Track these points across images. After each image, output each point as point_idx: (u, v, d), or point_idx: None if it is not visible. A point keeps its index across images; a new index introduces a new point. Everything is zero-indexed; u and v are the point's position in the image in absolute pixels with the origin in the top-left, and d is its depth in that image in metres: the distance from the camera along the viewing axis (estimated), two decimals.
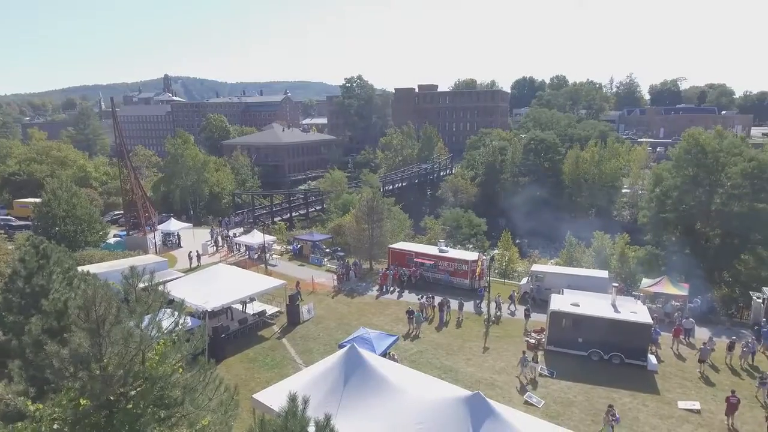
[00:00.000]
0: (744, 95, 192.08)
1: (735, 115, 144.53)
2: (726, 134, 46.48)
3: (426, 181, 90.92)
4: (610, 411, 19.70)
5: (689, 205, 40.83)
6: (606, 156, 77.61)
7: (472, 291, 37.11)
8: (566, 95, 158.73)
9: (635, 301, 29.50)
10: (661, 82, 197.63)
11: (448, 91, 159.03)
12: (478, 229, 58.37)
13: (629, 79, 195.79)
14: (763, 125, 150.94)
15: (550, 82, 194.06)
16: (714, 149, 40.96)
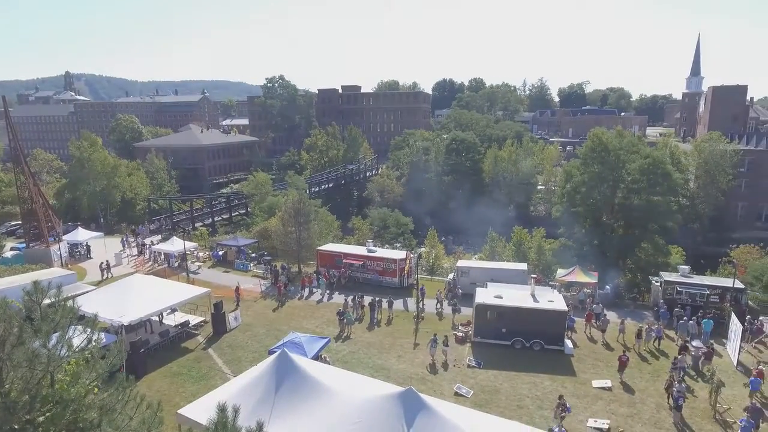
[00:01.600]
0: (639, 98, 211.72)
1: (632, 116, 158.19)
2: (625, 134, 50.73)
3: (352, 181, 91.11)
4: (560, 402, 20.58)
5: (596, 200, 44.12)
6: (522, 155, 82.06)
7: (402, 289, 37.75)
8: (484, 97, 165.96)
9: (552, 291, 31.42)
10: (569, 86, 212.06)
11: (372, 92, 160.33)
12: (405, 228, 59.41)
13: (540, 82, 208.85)
14: (656, 125, 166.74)
15: (469, 85, 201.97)
16: (615, 148, 44.56)
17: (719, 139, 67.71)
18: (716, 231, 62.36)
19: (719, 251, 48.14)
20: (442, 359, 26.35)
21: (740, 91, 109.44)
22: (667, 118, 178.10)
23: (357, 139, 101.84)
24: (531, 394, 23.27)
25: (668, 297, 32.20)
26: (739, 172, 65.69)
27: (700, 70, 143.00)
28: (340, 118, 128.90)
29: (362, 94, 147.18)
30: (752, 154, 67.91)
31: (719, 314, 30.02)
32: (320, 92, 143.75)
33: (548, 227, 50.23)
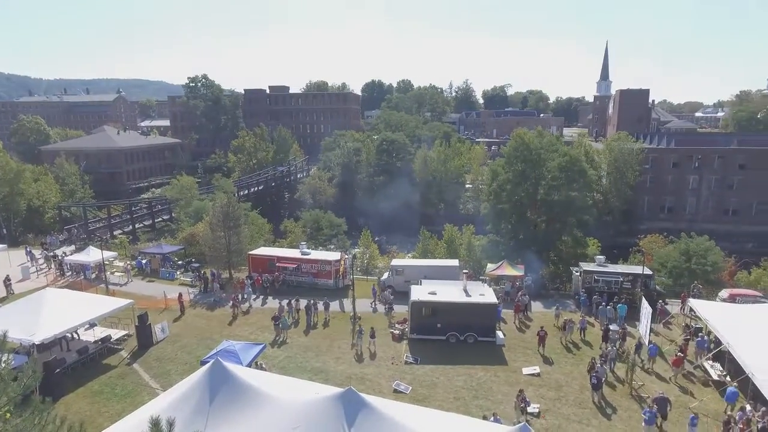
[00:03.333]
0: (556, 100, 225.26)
1: (550, 117, 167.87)
2: (545, 134, 53.73)
3: (283, 183, 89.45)
4: (520, 396, 21.16)
5: (520, 196, 46.32)
6: (450, 155, 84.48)
7: (337, 290, 37.62)
8: (413, 98, 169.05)
9: (483, 285, 32.67)
10: (492, 88, 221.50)
11: (300, 93, 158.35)
12: (338, 229, 59.15)
13: (465, 84, 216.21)
14: (571, 126, 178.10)
15: (397, 86, 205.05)
16: (536, 147, 47.05)
17: (626, 138, 73.48)
18: (626, 223, 67.61)
19: (629, 241, 52.29)
20: (370, 351, 27.07)
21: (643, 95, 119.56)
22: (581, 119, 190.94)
23: (287, 140, 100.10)
24: (467, 385, 24.04)
25: (587, 285, 34.51)
26: (644, 169, 71.55)
27: (609, 75, 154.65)
28: (268, 119, 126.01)
29: (291, 95, 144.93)
30: (655, 152, 74.32)
31: (631, 299, 32.60)
32: (247, 92, 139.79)
33: (477, 224, 52.07)
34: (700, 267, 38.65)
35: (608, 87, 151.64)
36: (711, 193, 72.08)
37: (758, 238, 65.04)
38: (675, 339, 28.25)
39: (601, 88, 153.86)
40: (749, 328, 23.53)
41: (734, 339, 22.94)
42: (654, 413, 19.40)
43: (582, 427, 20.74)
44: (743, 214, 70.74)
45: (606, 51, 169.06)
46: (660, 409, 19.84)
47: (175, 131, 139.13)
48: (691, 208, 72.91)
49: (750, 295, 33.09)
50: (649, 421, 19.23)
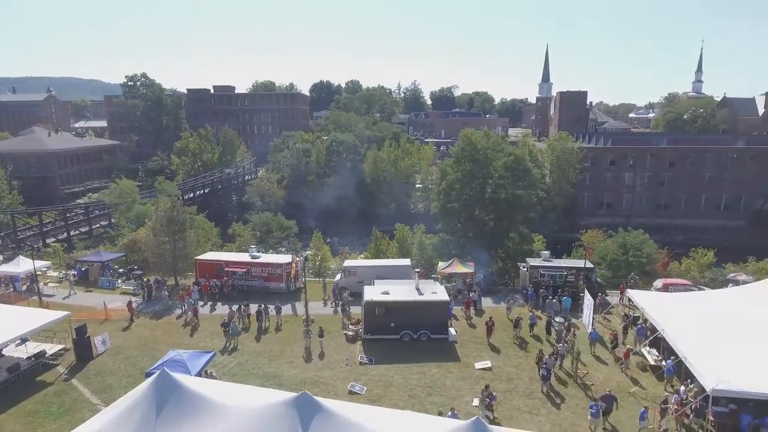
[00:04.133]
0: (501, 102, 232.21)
1: (496, 118, 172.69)
2: (491, 134, 55.16)
3: (231, 186, 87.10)
4: (485, 392, 21.41)
5: (469, 195, 47.35)
6: (400, 155, 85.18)
7: (290, 293, 37.05)
8: (361, 99, 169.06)
9: (434, 283, 33.16)
10: (439, 89, 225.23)
11: (247, 93, 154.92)
12: (289, 231, 58.18)
13: (414, 85, 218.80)
14: (516, 126, 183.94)
15: (346, 86, 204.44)
16: (483, 147, 48.25)
17: (567, 138, 76.79)
18: (569, 219, 70.60)
19: (572, 236, 54.61)
20: (321, 351, 27.35)
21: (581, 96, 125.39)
22: (525, 120, 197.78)
23: (233, 141, 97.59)
24: (421, 383, 24.27)
25: (534, 280, 35.75)
26: (584, 167, 75.04)
27: (550, 77, 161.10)
28: (213, 119, 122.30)
29: (237, 95, 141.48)
30: (593, 151, 78.08)
31: (575, 292, 34.05)
32: (190, 92, 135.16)
33: (428, 223, 52.78)
34: (636, 259, 40.92)
35: (549, 89, 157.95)
36: (644, 190, 76.55)
37: (687, 231, 69.71)
38: (615, 328, 29.71)
39: (543, 90, 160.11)
40: (681, 314, 25.11)
41: (668, 325, 24.42)
42: (599, 407, 19.96)
43: (532, 417, 21.42)
44: (674, 208, 75.62)
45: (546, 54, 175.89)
46: (607, 407, 20.31)
47: (113, 132, 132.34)
48: (627, 204, 77.14)
49: (681, 284, 35.39)
50: (595, 414, 19.85)
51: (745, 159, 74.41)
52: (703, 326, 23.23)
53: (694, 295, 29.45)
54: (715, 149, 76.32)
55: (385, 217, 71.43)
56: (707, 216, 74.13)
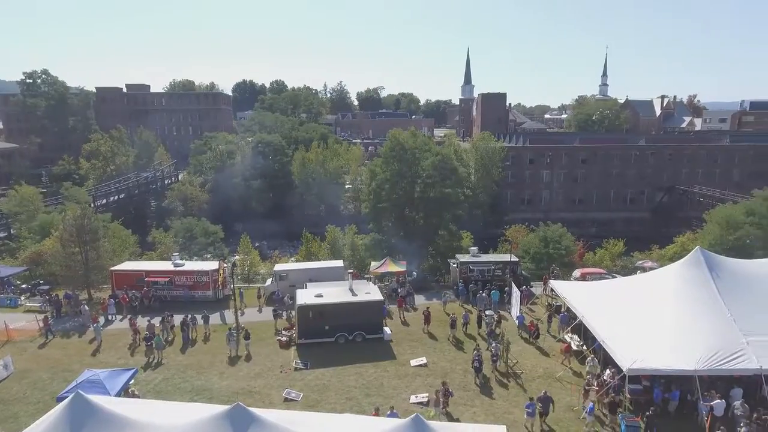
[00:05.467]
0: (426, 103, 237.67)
1: (422, 119, 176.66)
2: (418, 134, 56.21)
3: (148, 191, 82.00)
4: (442, 388, 21.32)
5: (398, 195, 47.93)
6: (329, 156, 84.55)
7: (218, 301, 35.48)
8: (287, 99, 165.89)
9: (368, 283, 33.17)
10: (366, 90, 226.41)
11: (164, 92, 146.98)
12: (215, 236, 55.73)
13: (340, 86, 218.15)
14: (441, 127, 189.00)
15: (270, 87, 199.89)
16: (411, 147, 49.04)
17: (489, 138, 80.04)
18: (494, 215, 73.53)
19: (497, 232, 56.97)
20: (246, 354, 27.04)
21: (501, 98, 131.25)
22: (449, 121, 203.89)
23: (150, 143, 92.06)
24: (358, 384, 24.12)
25: (464, 275, 36.81)
26: (506, 165, 78.58)
27: (471, 79, 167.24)
28: (127, 120, 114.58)
29: (153, 94, 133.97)
30: (514, 150, 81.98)
31: (502, 285, 35.45)
32: (100, 91, 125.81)
33: (359, 223, 52.77)
34: (556, 251, 43.38)
35: (471, 90, 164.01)
36: (561, 186, 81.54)
37: (599, 223, 75.10)
38: (540, 317, 31.26)
39: (465, 92, 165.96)
40: (598, 301, 26.87)
41: (587, 312, 26.05)
42: (535, 406, 20.20)
43: (467, 408, 21.96)
44: (587, 203, 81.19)
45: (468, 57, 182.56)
46: (543, 408, 20.28)
47: (10, 135, 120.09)
48: (546, 200, 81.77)
49: (597, 273, 37.95)
50: (531, 414, 19.98)
51: (646, 156, 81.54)
52: (617, 311, 24.99)
53: (608, 283, 31.63)
54: (621, 147, 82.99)
55: (315, 219, 70.57)
56: (616, 209, 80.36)
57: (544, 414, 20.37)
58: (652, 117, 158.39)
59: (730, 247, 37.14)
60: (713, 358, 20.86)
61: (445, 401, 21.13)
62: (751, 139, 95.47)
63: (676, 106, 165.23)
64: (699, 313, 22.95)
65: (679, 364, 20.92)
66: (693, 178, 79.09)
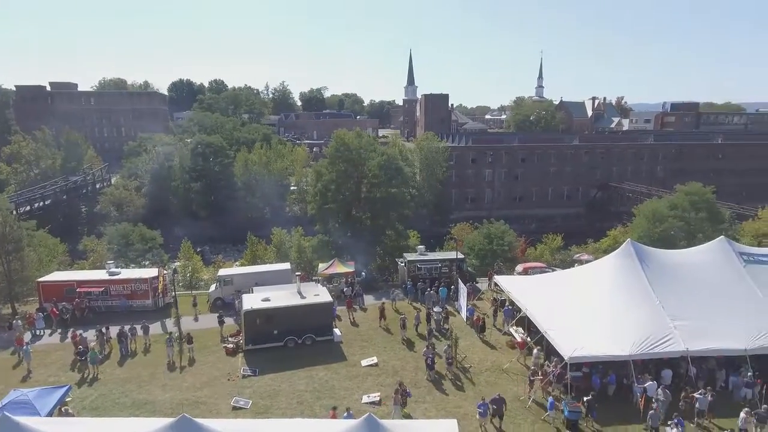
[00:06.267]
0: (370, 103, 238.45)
1: (366, 119, 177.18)
2: (363, 134, 56.07)
3: (78, 196, 77.12)
4: (399, 389, 21.21)
5: (345, 195, 47.66)
6: (272, 157, 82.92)
7: (158, 310, 33.89)
8: (227, 99, 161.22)
9: (316, 285, 32.80)
10: (309, 90, 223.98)
11: (94, 92, 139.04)
12: (153, 242, 53.05)
13: (282, 86, 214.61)
14: (385, 127, 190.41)
15: (209, 86, 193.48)
16: (357, 147, 48.91)
17: (433, 138, 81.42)
18: (439, 214, 74.88)
19: (443, 230, 58.00)
20: (189, 358, 26.47)
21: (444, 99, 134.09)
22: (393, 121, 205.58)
23: (79, 145, 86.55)
24: (309, 387, 23.81)
25: (412, 274, 37.24)
26: (450, 165, 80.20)
27: (414, 80, 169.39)
28: (52, 121, 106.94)
29: (81, 93, 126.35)
30: (457, 150, 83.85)
31: (449, 282, 36.16)
32: (20, 89, 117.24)
33: (305, 225, 52.09)
34: (499, 247, 44.70)
35: (414, 91, 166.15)
36: (502, 184, 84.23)
37: (539, 220, 78.25)
38: (485, 312, 32.13)
39: (408, 93, 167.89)
40: (540, 294, 27.99)
41: (530, 305, 27.07)
42: (487, 406, 19.99)
43: (419, 404, 22.21)
44: (527, 200, 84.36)
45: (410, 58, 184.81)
46: (497, 410, 20.25)
47: None
48: (488, 198, 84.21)
49: (538, 267, 39.46)
50: (483, 414, 19.95)
51: (581, 155, 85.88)
52: (557, 303, 26.14)
53: (549, 276, 32.99)
54: (557, 147, 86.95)
55: (260, 222, 68.87)
56: (554, 205, 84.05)
57: (498, 415, 20.34)
58: (584, 118, 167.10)
59: (656, 239, 39.69)
60: (645, 342, 22.30)
61: (403, 401, 21.26)
62: (672, 138, 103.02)
63: (606, 107, 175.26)
64: (631, 301, 24.45)
65: (615, 350, 22.21)
66: (623, 175, 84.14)
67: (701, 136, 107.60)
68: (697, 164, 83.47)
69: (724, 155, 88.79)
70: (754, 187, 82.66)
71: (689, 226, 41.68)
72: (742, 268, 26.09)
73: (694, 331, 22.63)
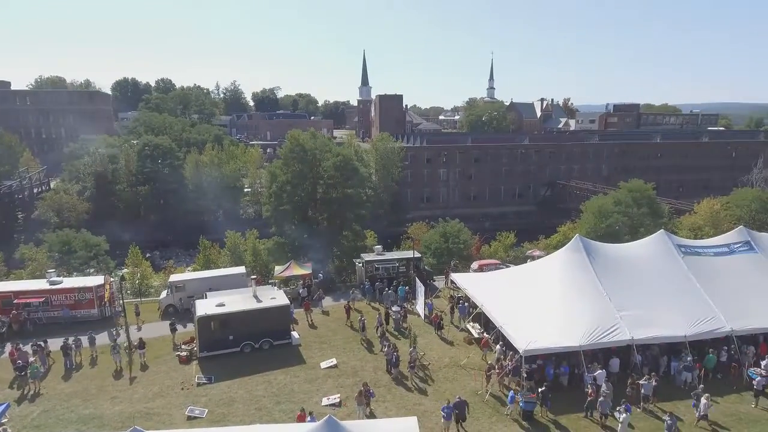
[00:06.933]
0: (324, 104, 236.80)
1: (321, 119, 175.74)
2: (318, 135, 55.67)
3: (14, 201, 72.55)
4: (364, 389, 21.07)
5: (300, 197, 47.11)
6: (225, 159, 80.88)
7: (105, 320, 32.35)
8: (176, 99, 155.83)
9: (272, 288, 32.28)
10: (261, 90, 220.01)
11: (29, 90, 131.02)
12: (98, 249, 50.50)
13: (234, 86, 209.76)
14: (340, 128, 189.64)
15: (156, 85, 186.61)
16: (311, 148, 48.45)
17: (388, 138, 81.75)
18: (396, 214, 75.21)
19: (400, 230, 58.38)
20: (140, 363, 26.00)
21: (398, 100, 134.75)
22: (348, 122, 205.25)
23: (13, 148, 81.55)
24: (267, 392, 23.38)
25: (370, 274, 37.27)
26: (405, 165, 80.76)
27: (369, 81, 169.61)
28: None
29: (15, 92, 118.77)
30: (412, 150, 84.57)
31: (407, 281, 36.42)
32: None
33: (261, 227, 51.14)
34: (455, 246, 45.44)
35: (369, 92, 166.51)
36: (457, 184, 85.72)
37: (492, 218, 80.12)
38: (443, 309, 32.57)
39: (363, 93, 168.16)
40: (495, 290, 28.67)
41: (486, 301, 27.68)
42: (451, 410, 19.82)
43: (379, 404, 22.22)
44: (480, 198, 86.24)
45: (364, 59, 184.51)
46: (459, 413, 20.00)
47: None
48: (443, 197, 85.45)
49: (493, 264, 40.38)
50: (447, 417, 19.73)
51: (531, 154, 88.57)
52: (512, 298, 26.86)
53: (503, 272, 33.83)
54: (508, 147, 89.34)
55: (213, 225, 67.01)
56: (506, 204, 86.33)
57: (461, 419, 20.17)
58: (533, 118, 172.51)
59: (602, 234, 41.45)
60: (594, 333, 23.28)
61: (367, 401, 21.24)
62: (615, 137, 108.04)
63: (554, 108, 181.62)
64: (581, 293, 25.45)
65: (567, 341, 23.06)
66: (570, 173, 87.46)
67: (642, 135, 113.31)
68: (639, 162, 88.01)
69: (662, 154, 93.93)
70: (690, 183, 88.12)
71: (632, 221, 43.77)
72: (681, 259, 27.66)
73: (639, 321, 23.83)
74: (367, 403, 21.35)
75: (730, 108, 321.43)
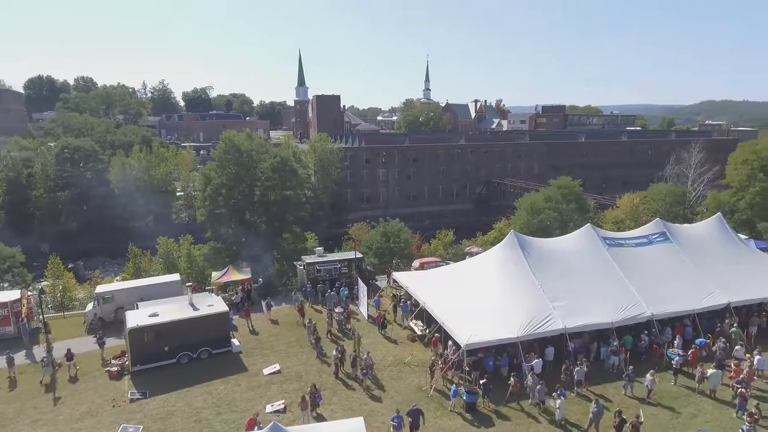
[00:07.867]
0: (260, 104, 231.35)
1: (256, 120, 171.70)
2: (254, 136, 54.27)
3: None
4: (310, 391, 20.80)
5: (237, 199, 45.72)
6: (154, 161, 77.04)
7: (19, 338, 29.78)
8: (98, 99, 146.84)
9: (210, 295, 31.11)
10: (192, 90, 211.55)
11: None
12: (12, 261, 46.42)
13: (162, 85, 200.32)
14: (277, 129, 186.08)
15: (76, 84, 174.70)
16: (248, 149, 47.12)
17: (327, 139, 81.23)
18: (336, 215, 74.85)
19: (341, 231, 58.13)
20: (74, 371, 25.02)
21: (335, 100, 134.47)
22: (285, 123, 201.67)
23: None
24: (207, 403, 22.48)
25: (312, 276, 36.80)
26: (344, 166, 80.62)
27: (305, 81, 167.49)
28: None
29: None
30: (351, 151, 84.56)
31: (350, 281, 36.31)
32: None
33: (195, 232, 49.18)
34: (396, 245, 45.87)
35: (305, 92, 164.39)
36: (396, 183, 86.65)
37: (432, 216, 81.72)
38: (386, 308, 32.75)
39: (300, 93, 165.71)
40: (437, 287, 29.23)
41: (428, 298, 28.16)
42: (401, 418, 19.30)
43: (326, 407, 21.98)
44: (419, 198, 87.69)
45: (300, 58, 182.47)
46: (413, 422, 19.31)
47: None
48: (383, 197, 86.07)
49: (433, 261, 41.13)
50: (397, 426, 19.18)
51: (467, 154, 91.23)
52: (452, 294, 27.50)
53: (443, 270, 34.48)
54: (445, 147, 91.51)
55: (143, 231, 63.58)
56: (445, 202, 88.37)
57: (414, 428, 19.31)
58: (468, 119, 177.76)
59: (535, 229, 43.39)
60: (530, 324, 24.30)
61: (313, 405, 20.97)
62: (544, 137, 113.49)
63: (487, 109, 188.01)
64: (517, 287, 26.50)
65: (505, 333, 23.91)
66: (504, 171, 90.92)
67: (568, 135, 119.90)
68: (566, 160, 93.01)
69: (587, 152, 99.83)
70: (612, 179, 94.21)
71: (562, 216, 46.10)
72: (606, 251, 29.45)
73: (571, 310, 25.14)
74: (316, 405, 21.10)
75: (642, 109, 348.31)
